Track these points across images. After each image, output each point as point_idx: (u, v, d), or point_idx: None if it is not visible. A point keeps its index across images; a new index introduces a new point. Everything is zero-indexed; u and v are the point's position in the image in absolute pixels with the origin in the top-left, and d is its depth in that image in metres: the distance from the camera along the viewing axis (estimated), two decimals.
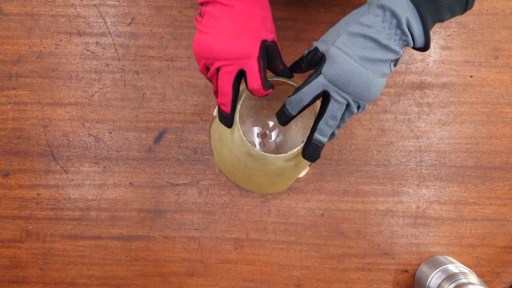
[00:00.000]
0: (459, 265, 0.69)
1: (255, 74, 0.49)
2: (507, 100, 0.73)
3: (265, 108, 0.72)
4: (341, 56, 0.47)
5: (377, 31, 0.45)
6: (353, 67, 0.46)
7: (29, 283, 0.75)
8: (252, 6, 0.48)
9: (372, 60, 0.46)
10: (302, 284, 0.74)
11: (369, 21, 0.45)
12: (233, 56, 0.48)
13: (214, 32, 0.47)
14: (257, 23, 0.48)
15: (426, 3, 0.45)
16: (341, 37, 0.47)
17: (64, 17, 0.73)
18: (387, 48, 0.46)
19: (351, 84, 0.47)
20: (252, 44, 0.48)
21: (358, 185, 0.74)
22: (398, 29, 0.45)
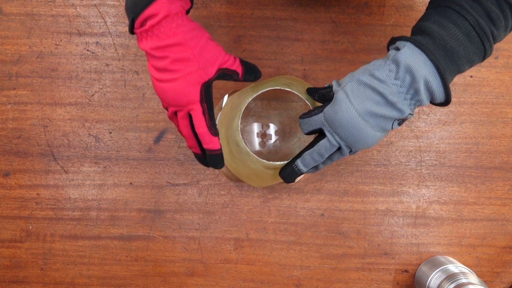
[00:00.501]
0: (459, 265, 0.69)
1: (199, 117, 0.50)
2: (507, 100, 0.73)
3: (265, 108, 0.72)
4: (344, 102, 0.46)
5: (387, 87, 0.44)
6: (353, 116, 0.46)
7: (29, 283, 0.75)
8: (183, 54, 0.47)
9: (374, 114, 0.46)
10: (302, 284, 0.74)
11: (382, 76, 0.45)
12: (179, 103, 0.49)
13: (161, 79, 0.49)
14: (193, 69, 0.48)
15: (444, 57, 0.44)
16: (351, 84, 0.46)
17: (64, 17, 0.73)
18: (393, 106, 0.45)
19: (346, 132, 0.47)
20: (192, 90, 0.49)
21: (358, 185, 0.74)
22: (411, 88, 0.44)
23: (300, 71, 0.73)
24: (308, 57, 0.73)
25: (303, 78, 0.73)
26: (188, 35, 0.47)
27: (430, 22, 0.46)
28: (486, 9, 0.44)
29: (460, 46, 0.44)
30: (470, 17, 0.44)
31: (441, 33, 0.44)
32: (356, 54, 0.73)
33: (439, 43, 0.44)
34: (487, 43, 0.45)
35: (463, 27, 0.44)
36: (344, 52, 0.73)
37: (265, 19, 0.73)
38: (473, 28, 0.44)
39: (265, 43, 0.73)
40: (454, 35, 0.44)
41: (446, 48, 0.44)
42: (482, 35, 0.44)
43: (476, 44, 0.45)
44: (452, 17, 0.44)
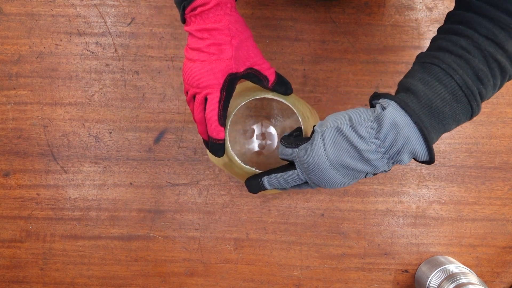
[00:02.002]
0: (459, 265, 0.69)
1: (214, 103, 0.51)
2: (507, 100, 0.73)
3: (265, 108, 0.72)
4: (319, 147, 0.45)
5: (365, 145, 0.43)
6: (323, 163, 0.45)
7: (29, 283, 0.75)
8: (223, 39, 0.49)
9: (347, 166, 0.44)
10: (302, 284, 0.74)
11: (363, 132, 0.43)
12: (201, 84, 0.51)
13: (192, 59, 0.50)
14: (226, 56, 0.50)
15: (429, 117, 0.42)
16: (330, 130, 0.45)
17: (64, 17, 0.73)
18: (367, 162, 0.43)
19: (314, 174, 0.47)
20: (217, 76, 0.50)
21: (358, 185, 0.74)
22: (392, 148, 0.42)
23: (300, 71, 0.73)
24: (308, 57, 0.73)
25: (303, 78, 0.73)
26: (232, 25, 0.49)
27: (416, 79, 0.44)
28: (474, 68, 0.42)
29: (445, 105, 0.42)
30: (457, 76, 0.42)
31: (426, 92, 0.43)
32: (356, 54, 0.73)
33: (424, 102, 0.42)
34: (474, 102, 0.43)
35: (449, 86, 0.42)
36: (344, 52, 0.73)
37: (265, 19, 0.73)
38: (460, 88, 0.42)
39: (265, 43, 0.73)
40: (440, 95, 0.42)
41: (431, 107, 0.42)
42: (469, 95, 0.42)
43: (463, 103, 0.43)
44: (438, 75, 0.43)
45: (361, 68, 0.73)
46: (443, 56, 0.44)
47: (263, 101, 0.72)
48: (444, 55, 0.44)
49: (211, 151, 0.55)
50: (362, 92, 0.73)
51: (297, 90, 0.73)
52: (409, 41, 0.73)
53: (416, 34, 0.72)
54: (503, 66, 0.43)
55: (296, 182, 0.50)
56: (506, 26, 0.42)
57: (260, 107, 0.72)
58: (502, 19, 0.42)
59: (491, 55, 0.43)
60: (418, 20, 0.73)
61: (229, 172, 0.66)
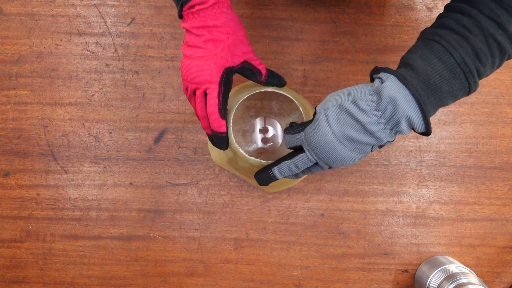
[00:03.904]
0: (459, 265, 0.69)
1: (213, 97, 0.53)
2: (507, 100, 0.73)
3: (265, 108, 0.72)
4: (324, 125, 0.47)
5: (367, 117, 0.45)
6: (330, 139, 0.47)
7: (29, 283, 0.75)
8: (219, 35, 0.52)
9: (352, 139, 0.46)
10: (302, 284, 0.74)
11: (363, 105, 0.45)
12: (200, 80, 0.53)
13: (190, 56, 0.53)
14: (223, 51, 0.52)
15: (427, 91, 0.44)
16: (333, 108, 0.47)
17: (64, 17, 0.73)
18: (372, 134, 0.46)
19: (323, 153, 0.48)
20: (215, 71, 0.52)
21: (358, 185, 0.74)
22: (392, 119, 0.44)
23: (300, 71, 0.73)
24: (308, 57, 0.73)
25: (303, 78, 0.73)
26: (228, 22, 0.52)
27: (416, 55, 0.46)
28: (474, 47, 0.44)
29: (443, 81, 0.44)
30: (456, 54, 0.44)
31: (425, 68, 0.44)
32: (356, 54, 0.73)
33: (423, 78, 0.44)
34: (472, 80, 0.45)
35: (448, 63, 0.44)
36: (344, 52, 0.73)
37: (265, 19, 0.73)
38: (458, 65, 0.44)
39: (265, 43, 0.73)
40: (438, 71, 0.44)
41: (429, 83, 0.44)
42: (467, 72, 0.44)
43: (461, 80, 0.44)
44: (438, 52, 0.44)
45: (361, 68, 0.73)
46: (444, 34, 0.45)
47: (263, 101, 0.72)
48: (446, 32, 0.45)
49: (216, 145, 0.57)
50: None
51: (297, 90, 0.73)
52: (409, 41, 0.73)
53: (416, 34, 0.72)
54: (502, 46, 0.45)
55: (307, 165, 0.51)
56: (510, 8, 0.43)
57: (260, 107, 0.72)
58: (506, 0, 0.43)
59: (491, 35, 0.44)
60: (418, 20, 0.73)
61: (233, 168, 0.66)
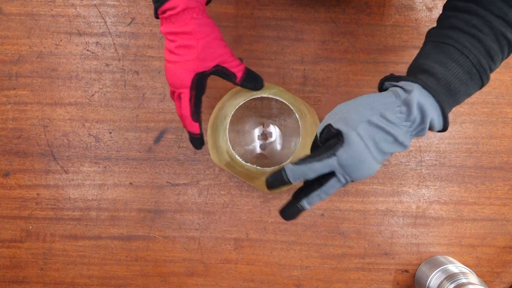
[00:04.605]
0: (459, 265, 0.69)
1: (185, 101, 0.55)
2: (507, 100, 0.73)
3: (265, 108, 0.72)
4: (360, 145, 0.45)
5: (398, 129, 0.45)
6: (367, 157, 0.46)
7: (29, 283, 0.75)
8: (189, 42, 0.53)
9: (384, 152, 0.46)
10: (302, 284, 0.74)
11: (393, 118, 0.45)
12: (174, 84, 0.56)
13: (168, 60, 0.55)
14: (192, 57, 0.54)
15: (447, 95, 0.45)
16: (364, 125, 0.45)
17: (64, 17, 0.73)
18: (402, 144, 0.46)
19: (358, 171, 0.46)
20: (186, 76, 0.54)
21: (358, 185, 0.74)
22: (419, 127, 0.45)
23: (300, 71, 0.73)
24: (308, 57, 0.73)
25: (303, 78, 0.73)
26: (198, 28, 0.53)
27: (433, 61, 0.46)
28: (486, 47, 0.45)
29: (462, 84, 0.45)
30: (472, 56, 0.44)
31: (444, 74, 0.45)
32: (356, 54, 0.73)
33: (443, 84, 0.45)
34: (486, 78, 0.46)
35: (465, 65, 0.45)
36: (344, 52, 0.73)
37: (265, 19, 0.73)
38: (474, 66, 0.45)
39: (265, 43, 0.73)
40: (457, 75, 0.45)
41: (449, 88, 0.45)
42: (482, 72, 0.45)
43: (476, 80, 0.46)
44: (454, 55, 0.45)
45: (361, 68, 0.73)
46: (456, 36, 0.46)
47: (262, 101, 0.72)
48: (457, 34, 0.46)
49: (192, 144, 0.59)
50: (362, 92, 0.73)
51: (297, 90, 0.73)
52: (409, 41, 0.73)
53: (416, 34, 0.72)
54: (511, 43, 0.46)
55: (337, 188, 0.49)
56: None
57: (260, 107, 0.72)
58: None
59: (502, 33, 0.45)
60: (418, 20, 0.73)
61: (231, 172, 0.66)
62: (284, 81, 0.73)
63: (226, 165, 0.64)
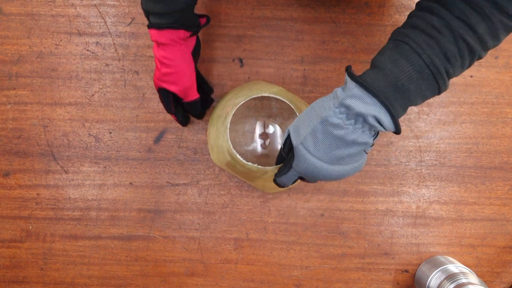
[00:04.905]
0: (459, 265, 0.69)
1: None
2: (507, 100, 0.73)
3: (265, 108, 0.72)
4: (308, 156, 0.47)
5: (343, 129, 0.45)
6: (321, 166, 0.47)
7: (29, 283, 0.75)
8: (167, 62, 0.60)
9: (339, 157, 0.47)
10: (302, 284, 0.74)
11: (335, 120, 0.45)
12: None
13: None
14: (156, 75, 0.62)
15: (394, 93, 0.44)
16: (308, 137, 0.47)
17: (64, 17, 0.73)
18: (355, 143, 0.46)
19: (321, 177, 0.49)
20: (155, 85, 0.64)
21: (358, 185, 0.74)
22: (366, 123, 0.45)
23: (300, 71, 0.73)
24: (308, 57, 0.73)
25: (303, 78, 0.73)
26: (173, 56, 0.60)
27: (385, 57, 0.46)
28: (443, 48, 0.44)
29: (411, 83, 0.44)
30: (425, 55, 0.44)
31: (393, 70, 0.44)
32: (356, 54, 0.73)
33: (391, 80, 0.44)
34: (441, 80, 0.45)
35: (416, 64, 0.44)
36: (344, 52, 0.73)
37: (265, 19, 0.73)
38: (427, 66, 0.44)
39: (265, 43, 0.73)
40: (406, 73, 0.44)
41: (397, 85, 0.44)
42: (436, 73, 0.44)
43: (429, 81, 0.45)
44: (406, 53, 0.44)
45: (361, 68, 0.73)
46: (414, 35, 0.45)
47: (262, 101, 0.72)
48: (415, 33, 0.45)
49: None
50: None
51: (297, 90, 0.73)
52: None
53: None
54: (471, 47, 0.44)
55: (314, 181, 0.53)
56: (479, 8, 0.43)
57: (260, 107, 0.72)
58: (476, 1, 0.43)
59: (461, 36, 0.44)
60: None
61: (231, 171, 0.66)
62: (284, 81, 0.73)
63: (227, 164, 0.64)
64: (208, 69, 0.73)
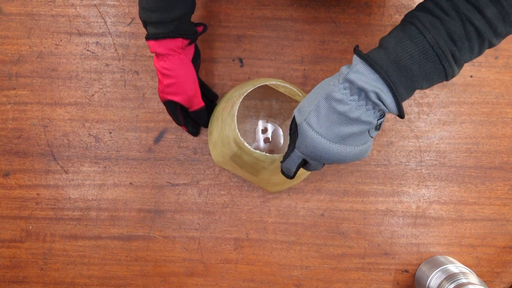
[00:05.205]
0: (459, 265, 0.69)
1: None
2: (507, 100, 0.73)
3: (265, 108, 0.72)
4: (310, 133, 0.47)
5: (346, 105, 0.44)
6: (323, 144, 0.46)
7: (29, 283, 0.75)
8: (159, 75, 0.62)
9: (343, 135, 0.46)
10: (302, 284, 0.74)
11: (339, 96, 0.45)
12: None
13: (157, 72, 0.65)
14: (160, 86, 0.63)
15: (397, 72, 0.44)
16: (312, 113, 0.47)
17: (64, 17, 0.73)
18: (358, 121, 0.45)
19: (324, 158, 0.48)
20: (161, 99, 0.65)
21: (358, 185, 0.74)
22: (369, 100, 0.44)
23: (300, 71, 0.73)
24: (308, 57, 0.73)
25: (303, 78, 0.73)
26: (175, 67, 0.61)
27: (391, 36, 0.46)
28: (448, 30, 0.43)
29: (414, 63, 0.44)
30: (429, 36, 0.43)
31: (396, 49, 0.44)
32: None
33: (393, 58, 0.44)
34: (446, 63, 0.44)
35: (420, 44, 0.43)
36: (344, 52, 0.73)
37: (265, 19, 0.73)
38: (431, 47, 0.43)
39: (265, 43, 0.73)
40: (409, 52, 0.44)
41: (399, 63, 0.44)
42: (440, 54, 0.43)
43: (434, 63, 0.44)
44: (411, 33, 0.44)
45: None
46: (422, 16, 0.44)
47: (263, 101, 0.72)
48: (423, 15, 0.45)
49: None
50: None
51: None
52: None
53: None
54: (479, 31, 0.43)
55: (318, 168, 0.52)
56: None
57: (260, 107, 0.72)
58: None
59: (468, 19, 0.43)
60: None
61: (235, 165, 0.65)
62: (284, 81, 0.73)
63: (232, 156, 0.63)
64: (208, 69, 0.73)
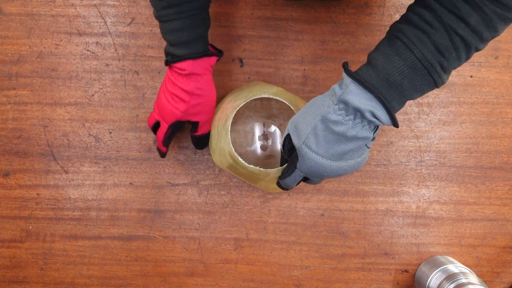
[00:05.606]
0: (459, 265, 0.69)
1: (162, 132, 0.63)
2: (507, 100, 0.73)
3: (265, 108, 0.72)
4: (310, 155, 0.49)
5: (343, 126, 0.46)
6: (323, 163, 0.49)
7: (29, 283, 0.75)
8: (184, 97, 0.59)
9: (342, 153, 0.48)
10: (302, 284, 0.74)
11: (335, 117, 0.46)
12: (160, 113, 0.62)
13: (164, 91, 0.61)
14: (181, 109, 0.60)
15: (388, 89, 0.45)
16: (310, 136, 0.48)
17: (64, 17, 0.73)
18: (355, 138, 0.47)
19: (324, 175, 0.51)
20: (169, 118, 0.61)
21: (358, 185, 0.74)
22: (364, 119, 0.46)
23: (300, 71, 0.73)
24: (308, 57, 0.73)
25: (303, 78, 0.73)
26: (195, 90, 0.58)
27: (379, 52, 0.46)
28: (435, 42, 0.43)
29: (404, 78, 0.44)
30: (416, 50, 0.43)
31: (385, 66, 0.45)
32: (356, 54, 0.73)
33: (383, 76, 0.45)
34: (435, 74, 0.44)
35: (408, 60, 0.44)
36: (344, 52, 0.73)
37: (265, 19, 0.73)
38: (419, 61, 0.44)
39: (265, 43, 0.73)
40: (398, 68, 0.44)
41: (389, 80, 0.45)
42: (429, 67, 0.44)
43: (423, 76, 0.44)
44: (398, 49, 0.44)
45: None
46: (406, 30, 0.45)
47: (262, 101, 0.72)
48: (408, 28, 0.45)
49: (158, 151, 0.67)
50: None
51: (297, 90, 0.73)
52: None
53: None
54: (465, 40, 0.43)
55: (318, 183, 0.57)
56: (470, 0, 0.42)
57: (260, 108, 0.72)
58: None
59: (452, 29, 0.43)
60: None
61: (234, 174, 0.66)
62: (284, 81, 0.73)
63: (229, 167, 0.64)
64: None
